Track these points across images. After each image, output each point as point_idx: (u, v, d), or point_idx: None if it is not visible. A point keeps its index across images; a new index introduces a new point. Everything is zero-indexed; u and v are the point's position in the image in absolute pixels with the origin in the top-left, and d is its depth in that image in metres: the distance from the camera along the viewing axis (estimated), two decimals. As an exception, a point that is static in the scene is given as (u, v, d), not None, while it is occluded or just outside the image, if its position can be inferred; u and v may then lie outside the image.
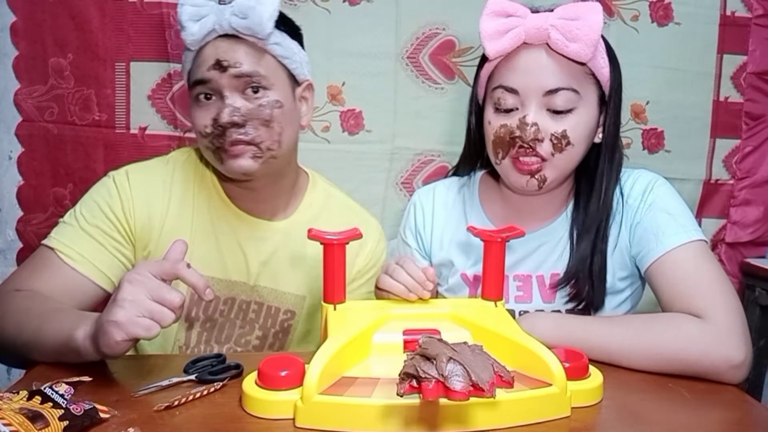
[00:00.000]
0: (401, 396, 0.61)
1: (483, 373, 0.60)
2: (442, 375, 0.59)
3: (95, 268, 0.94)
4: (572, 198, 1.03)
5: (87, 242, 0.95)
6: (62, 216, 0.99)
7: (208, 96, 0.94)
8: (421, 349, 0.63)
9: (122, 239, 0.97)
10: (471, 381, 0.59)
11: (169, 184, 1.02)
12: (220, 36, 0.94)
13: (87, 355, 0.75)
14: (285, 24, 0.98)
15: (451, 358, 0.60)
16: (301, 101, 1.01)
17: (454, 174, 1.14)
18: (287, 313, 1.08)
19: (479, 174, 1.11)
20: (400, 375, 0.61)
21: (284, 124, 0.96)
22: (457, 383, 0.58)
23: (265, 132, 0.94)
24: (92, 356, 0.75)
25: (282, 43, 0.96)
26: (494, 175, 1.08)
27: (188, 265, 0.76)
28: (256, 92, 0.94)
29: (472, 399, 0.59)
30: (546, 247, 1.02)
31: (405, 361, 0.62)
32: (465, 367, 0.60)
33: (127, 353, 1.04)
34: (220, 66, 0.92)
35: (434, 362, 0.60)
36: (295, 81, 1.00)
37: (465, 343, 0.65)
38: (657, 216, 0.95)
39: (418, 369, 0.60)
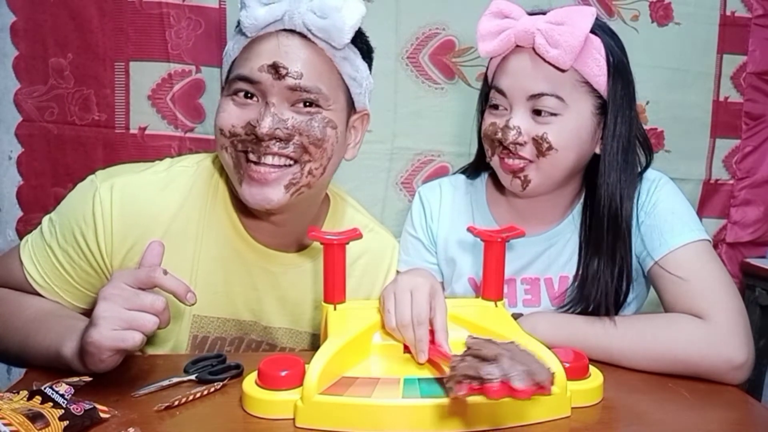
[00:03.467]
0: (458, 398, 0.61)
1: (541, 372, 0.60)
2: (506, 375, 0.59)
3: (59, 296, 0.87)
4: (579, 200, 1.02)
5: (54, 268, 0.86)
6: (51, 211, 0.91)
7: (249, 95, 0.81)
8: (473, 350, 0.63)
9: (92, 271, 0.86)
10: (534, 380, 0.60)
11: (165, 206, 0.87)
12: (285, 30, 0.81)
13: (79, 371, 0.72)
14: (361, 40, 0.87)
15: (512, 358, 0.61)
16: (350, 130, 0.89)
17: (462, 173, 1.13)
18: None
19: (486, 174, 1.10)
20: (456, 377, 0.61)
21: (335, 148, 0.84)
22: (521, 382, 0.59)
23: (315, 152, 0.82)
24: (84, 371, 0.72)
25: (352, 60, 0.85)
26: None
27: (165, 272, 0.71)
28: (307, 106, 0.82)
29: (473, 398, 0.59)
30: (553, 250, 1.01)
31: (455, 363, 0.62)
32: (525, 367, 0.60)
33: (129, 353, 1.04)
34: (276, 71, 0.79)
35: (495, 363, 0.60)
36: (352, 107, 0.88)
37: (512, 342, 0.65)
38: (661, 215, 0.94)
39: (480, 371, 0.60)
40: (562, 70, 0.90)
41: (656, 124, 1.52)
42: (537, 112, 0.91)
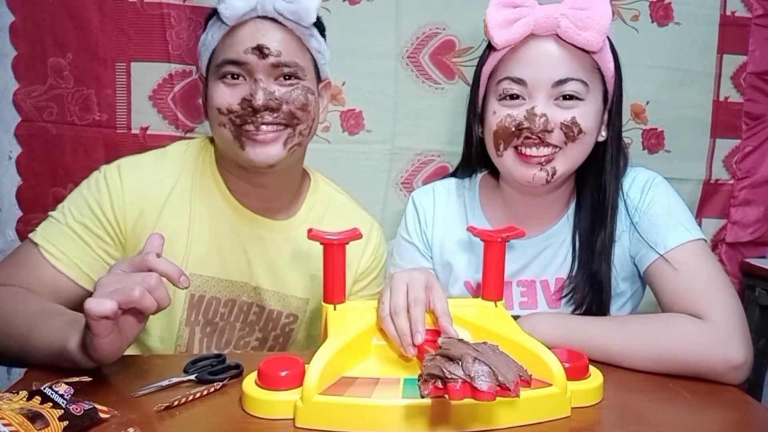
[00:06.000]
0: (424, 397, 0.61)
1: (508, 373, 0.60)
2: (469, 375, 0.59)
3: (78, 268, 0.91)
4: (573, 200, 1.02)
5: (72, 241, 0.92)
6: (53, 209, 0.96)
7: (236, 76, 0.92)
8: (443, 349, 0.62)
9: (109, 239, 0.94)
10: (497, 381, 0.59)
11: (164, 179, 0.98)
12: (259, 17, 0.92)
13: (83, 364, 0.73)
14: (318, 19, 0.97)
15: (476, 358, 0.60)
16: (319, 98, 1.00)
17: (452, 175, 1.13)
18: (289, 317, 1.06)
19: (479, 176, 1.10)
20: (423, 376, 0.61)
21: (316, 111, 0.97)
22: (484, 383, 0.58)
23: (302, 115, 0.94)
24: (89, 365, 0.73)
25: (316, 36, 0.97)
26: (495, 176, 1.07)
27: (158, 255, 0.73)
28: (288, 79, 0.93)
29: (469, 399, 0.59)
30: (549, 251, 1.01)
31: (425, 362, 0.62)
32: (491, 367, 0.59)
33: (128, 353, 1.05)
34: (260, 52, 0.90)
35: (459, 363, 0.60)
36: (318, 77, 1.00)
37: (485, 342, 0.65)
38: (656, 215, 0.94)
39: (444, 370, 0.59)
40: (586, 54, 0.92)
41: (656, 124, 1.52)
42: (563, 98, 0.91)
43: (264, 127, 0.91)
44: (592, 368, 0.77)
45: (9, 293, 0.88)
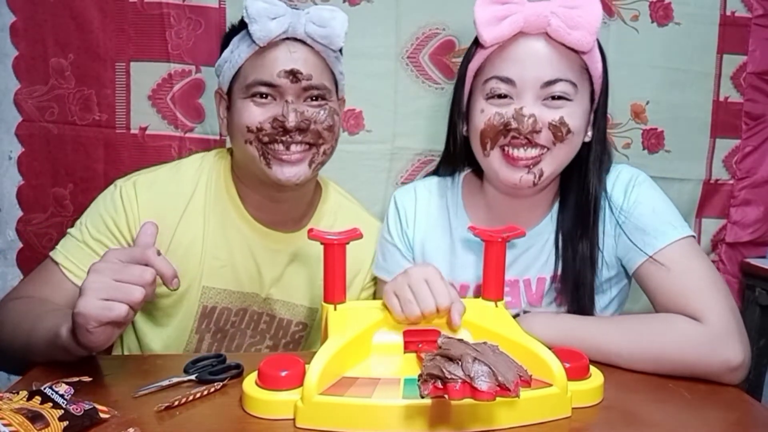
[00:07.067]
0: (423, 397, 0.61)
1: (508, 373, 0.60)
2: (469, 375, 0.59)
3: None
4: (557, 200, 1.01)
5: (90, 257, 0.93)
6: (68, 224, 0.99)
7: (265, 95, 0.94)
8: (442, 349, 0.62)
9: None
10: (497, 381, 0.59)
11: (179, 195, 0.99)
12: (289, 39, 0.94)
13: (74, 350, 0.74)
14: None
15: (476, 358, 0.60)
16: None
17: (434, 173, 1.11)
18: (299, 326, 1.08)
19: (462, 175, 1.08)
20: (422, 376, 0.61)
21: (339, 130, 1.00)
22: (484, 383, 0.59)
23: (328, 135, 0.97)
24: (79, 351, 0.74)
25: (339, 59, 1.01)
26: (478, 175, 1.06)
27: (158, 252, 0.73)
28: (315, 100, 0.96)
29: (469, 400, 0.59)
30: (532, 251, 1.00)
31: (425, 362, 0.62)
32: (491, 368, 0.60)
33: (127, 353, 1.05)
34: (294, 76, 0.93)
35: (459, 363, 0.60)
36: (338, 95, 1.03)
37: (485, 342, 0.65)
38: (642, 216, 0.93)
39: (444, 370, 0.59)
40: (576, 54, 0.91)
41: (656, 124, 1.52)
42: (552, 98, 0.90)
43: (293, 147, 0.94)
44: (592, 368, 0.77)
45: (27, 300, 0.90)
